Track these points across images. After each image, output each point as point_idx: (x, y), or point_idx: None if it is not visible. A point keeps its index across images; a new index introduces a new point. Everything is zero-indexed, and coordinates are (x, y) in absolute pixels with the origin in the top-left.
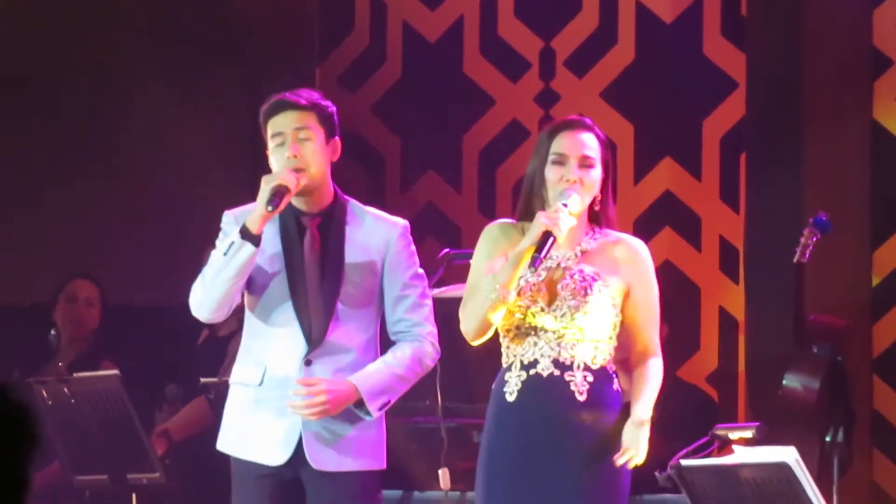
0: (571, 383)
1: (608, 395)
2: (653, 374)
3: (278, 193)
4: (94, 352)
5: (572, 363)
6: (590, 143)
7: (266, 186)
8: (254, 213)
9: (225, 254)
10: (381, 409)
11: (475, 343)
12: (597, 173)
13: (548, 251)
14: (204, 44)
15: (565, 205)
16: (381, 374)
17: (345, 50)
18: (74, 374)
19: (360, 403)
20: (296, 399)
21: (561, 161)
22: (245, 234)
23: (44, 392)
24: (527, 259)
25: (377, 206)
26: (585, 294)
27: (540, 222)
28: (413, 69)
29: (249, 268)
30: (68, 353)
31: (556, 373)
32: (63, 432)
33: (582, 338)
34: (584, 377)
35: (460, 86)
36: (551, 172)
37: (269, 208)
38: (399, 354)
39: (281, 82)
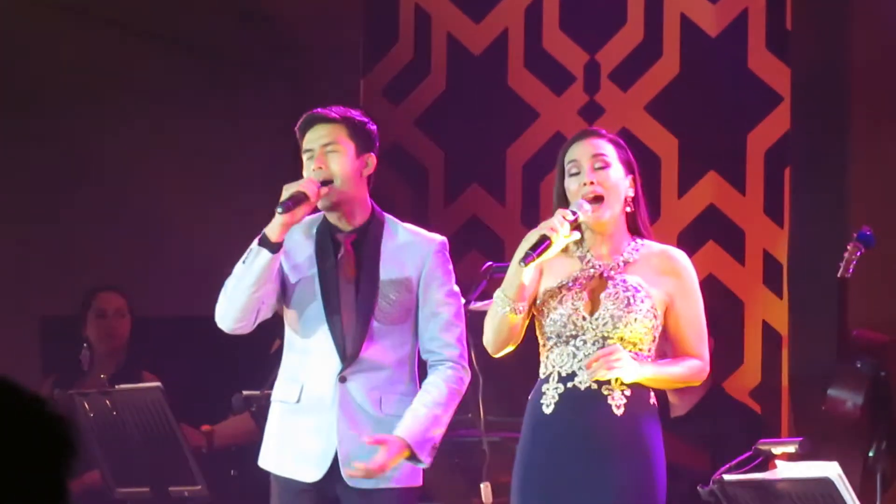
0: (609, 397)
1: (645, 410)
2: (690, 363)
3: (294, 199)
4: (132, 364)
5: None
6: (601, 145)
7: (285, 192)
8: (273, 220)
9: (244, 261)
10: (430, 454)
11: (496, 355)
12: (615, 173)
13: (540, 251)
14: (247, 59)
15: (573, 212)
16: (425, 421)
17: (389, 62)
18: (116, 387)
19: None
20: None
21: (576, 169)
22: (263, 241)
23: (85, 404)
24: (529, 266)
25: (420, 219)
26: (628, 304)
27: (537, 230)
28: (457, 82)
29: (269, 275)
30: (106, 367)
31: (594, 386)
32: (104, 444)
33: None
34: (622, 391)
35: (504, 99)
36: (571, 183)
37: (279, 210)
38: (436, 393)
39: (325, 95)
